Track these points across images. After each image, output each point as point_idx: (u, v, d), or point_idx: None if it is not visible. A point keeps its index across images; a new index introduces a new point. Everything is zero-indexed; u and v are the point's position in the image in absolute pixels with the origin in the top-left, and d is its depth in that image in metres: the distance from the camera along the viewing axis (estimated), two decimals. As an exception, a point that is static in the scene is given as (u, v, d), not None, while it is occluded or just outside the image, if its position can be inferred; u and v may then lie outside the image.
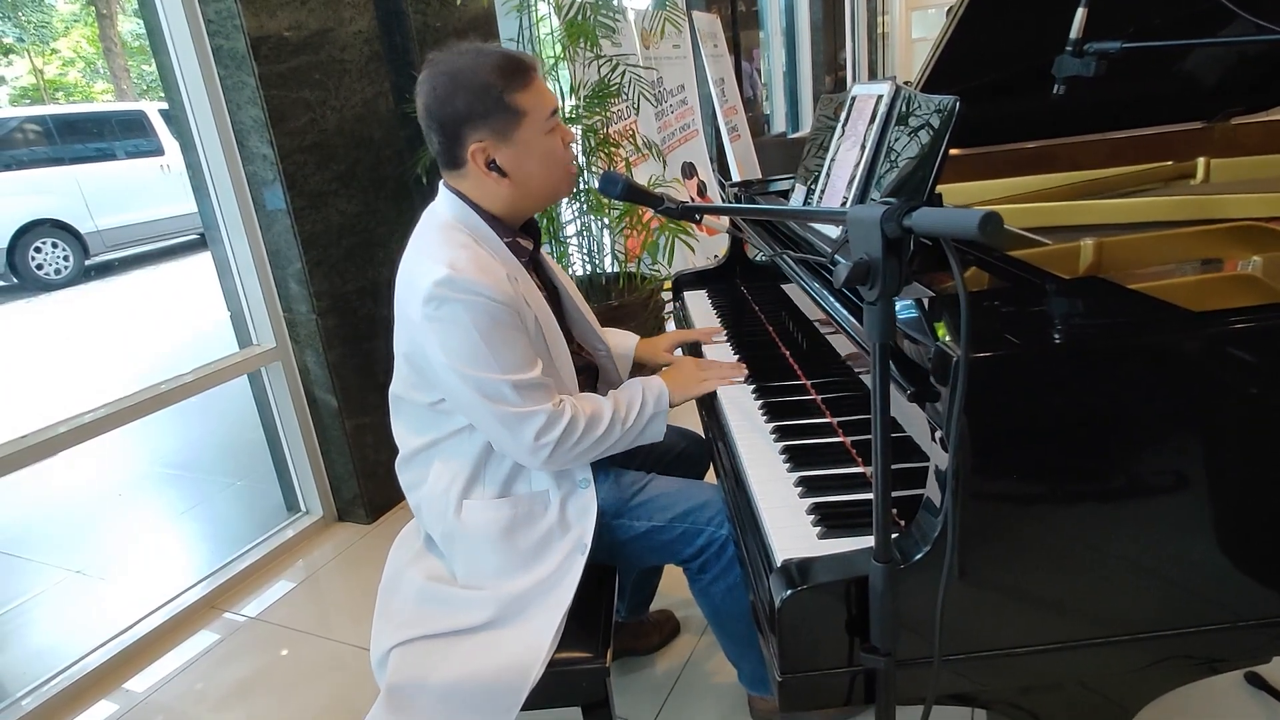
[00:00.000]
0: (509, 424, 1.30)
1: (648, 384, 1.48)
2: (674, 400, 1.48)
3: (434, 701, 1.29)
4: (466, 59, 1.30)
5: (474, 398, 1.28)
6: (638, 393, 1.45)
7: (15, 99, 14.65)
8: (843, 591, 0.93)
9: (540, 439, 1.31)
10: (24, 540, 3.08)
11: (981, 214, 0.63)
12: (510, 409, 1.29)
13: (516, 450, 1.34)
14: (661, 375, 1.54)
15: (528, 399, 1.30)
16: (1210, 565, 0.96)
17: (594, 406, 1.39)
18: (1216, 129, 1.94)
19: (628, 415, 1.41)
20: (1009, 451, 0.91)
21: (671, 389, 1.49)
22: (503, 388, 1.28)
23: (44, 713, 1.98)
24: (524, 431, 1.30)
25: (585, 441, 1.36)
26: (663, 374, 1.55)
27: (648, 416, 1.43)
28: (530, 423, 1.30)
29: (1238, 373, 0.90)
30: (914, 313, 1.02)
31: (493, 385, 1.27)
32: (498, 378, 1.27)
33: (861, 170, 1.41)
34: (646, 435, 1.45)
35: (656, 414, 1.45)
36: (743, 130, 5.81)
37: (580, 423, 1.35)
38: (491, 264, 1.31)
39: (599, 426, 1.37)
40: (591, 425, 1.36)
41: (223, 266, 2.54)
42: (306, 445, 2.67)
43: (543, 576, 1.37)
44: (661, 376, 1.53)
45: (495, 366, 1.27)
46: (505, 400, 1.28)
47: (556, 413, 1.32)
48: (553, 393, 1.35)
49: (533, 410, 1.30)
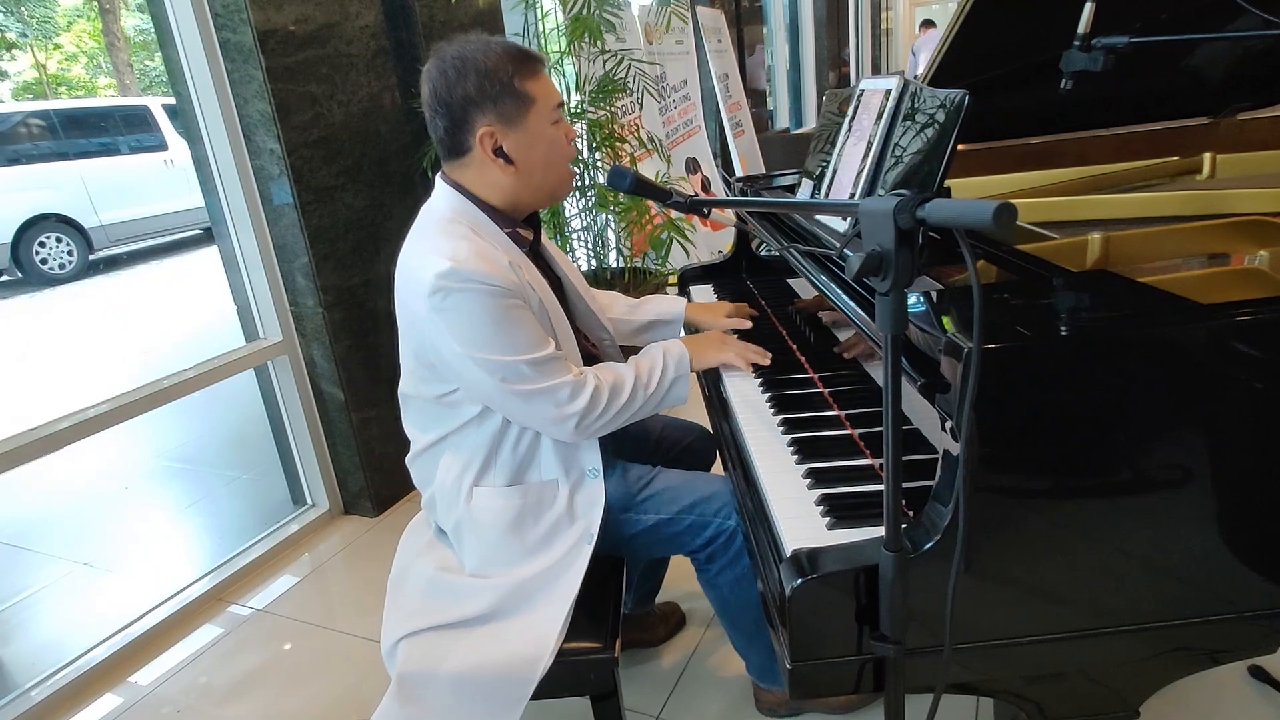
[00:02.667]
0: (532, 401, 1.31)
1: (667, 348, 1.49)
2: (694, 365, 1.50)
3: (444, 691, 1.30)
4: (476, 45, 1.32)
5: (493, 382, 1.29)
6: (658, 358, 1.46)
7: (18, 94, 14.65)
8: (852, 580, 0.94)
9: (565, 409, 1.32)
10: (32, 533, 3.09)
11: (996, 205, 0.63)
12: (531, 386, 1.30)
13: (544, 424, 1.36)
14: (684, 340, 1.55)
15: (547, 374, 1.31)
16: (1215, 556, 0.96)
17: (615, 375, 1.41)
18: (1223, 124, 1.94)
19: (649, 380, 1.43)
20: (1018, 442, 0.91)
21: (692, 353, 1.50)
22: (520, 367, 1.29)
23: (52, 704, 1.99)
24: (548, 405, 1.32)
25: (611, 409, 1.37)
26: (685, 339, 1.56)
27: (669, 380, 1.45)
28: (554, 396, 1.31)
29: (1244, 365, 0.90)
30: (922, 306, 1.03)
31: (510, 367, 1.28)
32: (513, 359, 1.28)
33: (870, 164, 1.41)
34: (670, 399, 1.46)
35: (678, 377, 1.46)
36: (746, 126, 5.81)
37: (604, 392, 1.36)
38: (493, 253, 1.31)
39: (622, 394, 1.39)
40: (615, 393, 1.38)
41: (229, 261, 2.55)
42: (313, 438, 2.68)
43: (549, 564, 1.38)
44: (684, 341, 1.53)
45: (509, 348, 1.28)
46: (525, 379, 1.30)
47: (579, 382, 1.34)
48: (570, 365, 1.36)
49: (554, 383, 1.31)
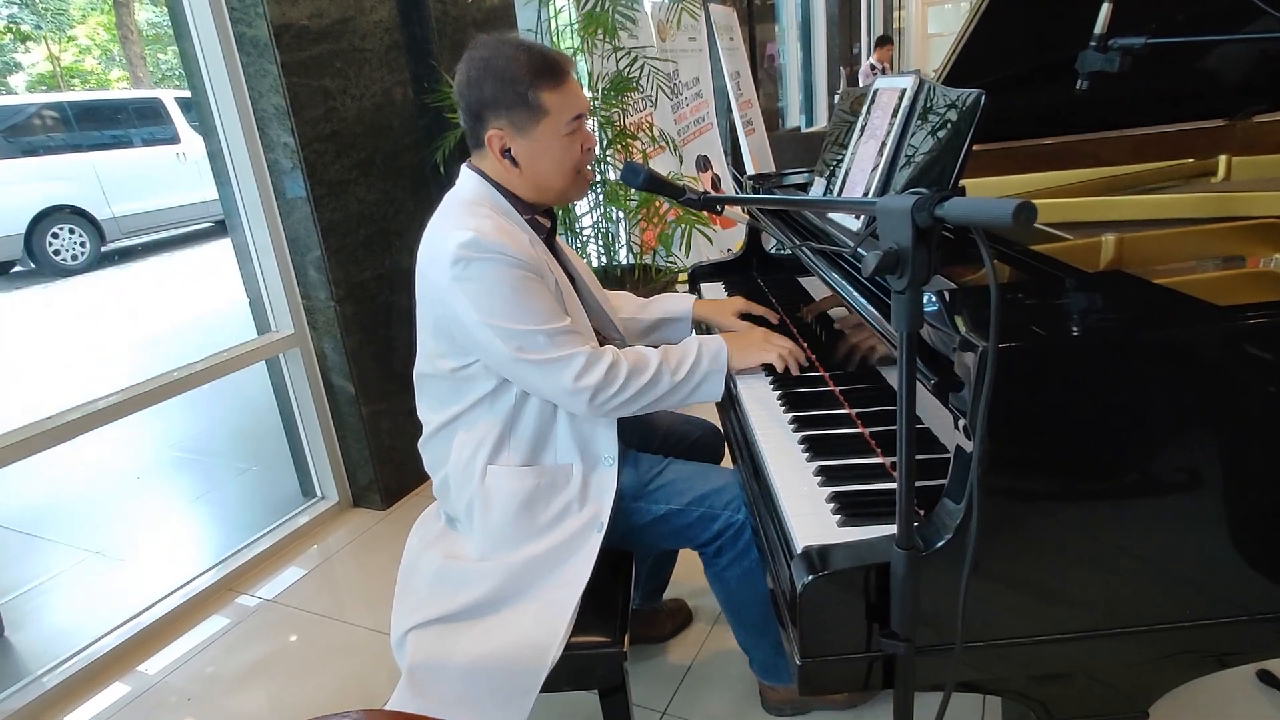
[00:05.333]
0: (546, 370, 1.32)
1: (705, 342, 1.47)
2: (734, 364, 1.48)
3: (454, 683, 1.31)
4: (504, 49, 1.34)
5: (508, 351, 1.31)
6: (692, 348, 1.45)
7: (32, 85, 14.73)
8: (863, 578, 0.94)
9: (580, 380, 1.33)
10: (44, 521, 3.11)
11: (1015, 203, 0.63)
12: (546, 356, 1.31)
13: (558, 394, 1.36)
14: (726, 336, 1.52)
15: (562, 345, 1.32)
16: (1225, 558, 0.96)
17: (639, 355, 1.40)
18: (1239, 126, 1.93)
19: (678, 368, 1.41)
20: (1030, 442, 0.91)
21: (732, 350, 1.48)
22: (538, 337, 1.31)
23: (62, 691, 2.01)
24: (563, 375, 1.33)
25: (630, 388, 1.36)
26: (726, 336, 1.53)
27: (702, 373, 1.43)
28: (569, 366, 1.32)
29: (1258, 368, 0.90)
30: (935, 304, 1.03)
31: (527, 336, 1.30)
32: (531, 328, 1.30)
33: (884, 162, 1.41)
34: (702, 393, 1.44)
35: (712, 372, 1.44)
36: (757, 124, 5.80)
37: (623, 368, 1.36)
38: (514, 230, 1.36)
39: (644, 374, 1.38)
40: (636, 372, 1.37)
41: (242, 253, 2.56)
42: (323, 431, 2.69)
43: (556, 545, 1.38)
44: (725, 338, 1.50)
45: (527, 318, 1.30)
46: (540, 349, 1.31)
47: (596, 354, 1.34)
48: (586, 340, 1.37)
49: (569, 354, 1.32)
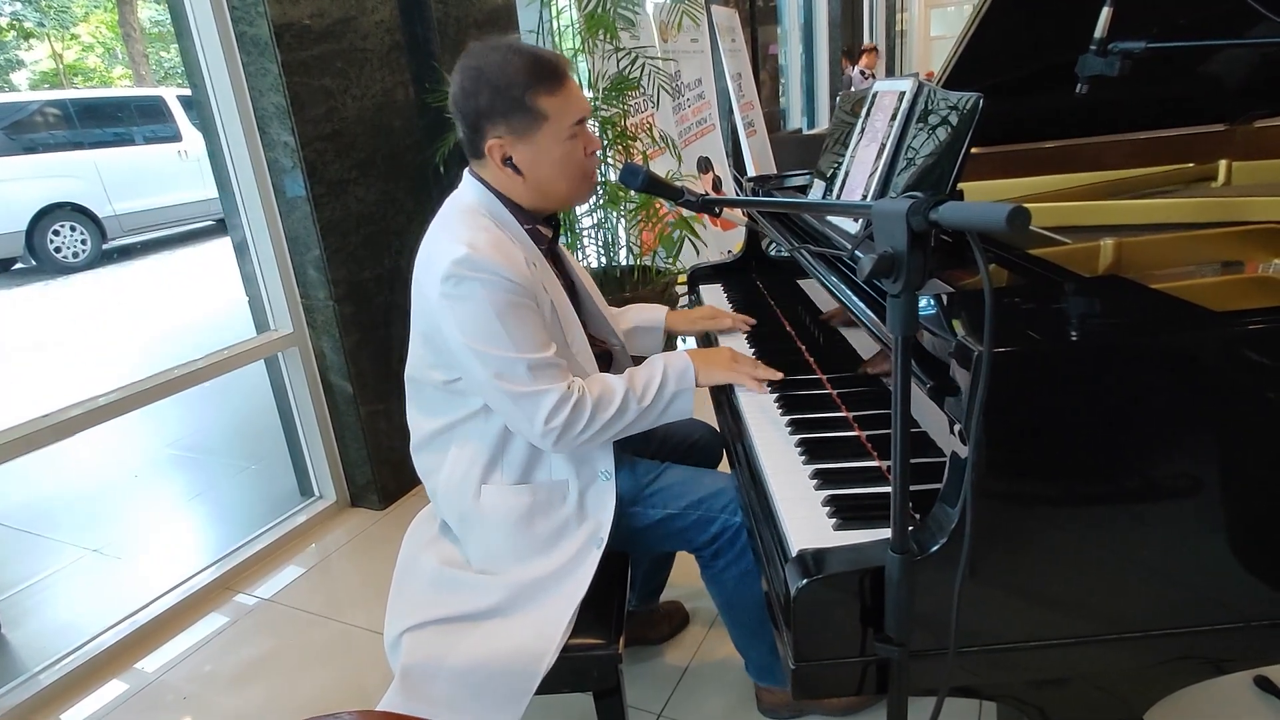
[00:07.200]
0: (520, 403, 1.30)
1: (670, 360, 1.44)
2: (700, 381, 1.45)
3: (448, 685, 1.31)
4: (497, 55, 1.31)
5: (488, 376, 1.29)
6: (658, 370, 1.42)
7: (35, 83, 14.74)
8: (857, 582, 0.94)
9: (550, 421, 1.31)
10: (43, 518, 3.11)
11: (1009, 208, 0.63)
12: (523, 388, 1.29)
13: (528, 431, 1.34)
14: (690, 354, 1.48)
15: (540, 378, 1.30)
16: (1223, 565, 0.96)
17: (601, 387, 1.37)
18: (1239, 131, 1.93)
19: (644, 394, 1.38)
20: (1026, 446, 0.91)
21: (699, 367, 1.45)
22: (517, 366, 1.29)
23: (60, 688, 2.01)
24: (535, 411, 1.30)
25: (595, 423, 1.34)
26: (691, 353, 1.49)
27: (669, 394, 1.40)
28: (542, 402, 1.30)
29: (1257, 374, 0.90)
30: (932, 308, 1.03)
31: (507, 363, 1.28)
32: (513, 356, 1.28)
33: (882, 166, 1.41)
34: (671, 413, 1.42)
35: (680, 391, 1.41)
36: (759, 126, 5.80)
37: (587, 405, 1.33)
38: (510, 247, 1.33)
39: (609, 407, 1.35)
40: (601, 406, 1.34)
41: (242, 252, 2.56)
42: (321, 431, 2.69)
43: (557, 566, 1.38)
44: (690, 355, 1.47)
45: (510, 345, 1.28)
46: (519, 379, 1.29)
47: (567, 395, 1.32)
48: (567, 374, 1.35)
49: (545, 389, 1.30)
